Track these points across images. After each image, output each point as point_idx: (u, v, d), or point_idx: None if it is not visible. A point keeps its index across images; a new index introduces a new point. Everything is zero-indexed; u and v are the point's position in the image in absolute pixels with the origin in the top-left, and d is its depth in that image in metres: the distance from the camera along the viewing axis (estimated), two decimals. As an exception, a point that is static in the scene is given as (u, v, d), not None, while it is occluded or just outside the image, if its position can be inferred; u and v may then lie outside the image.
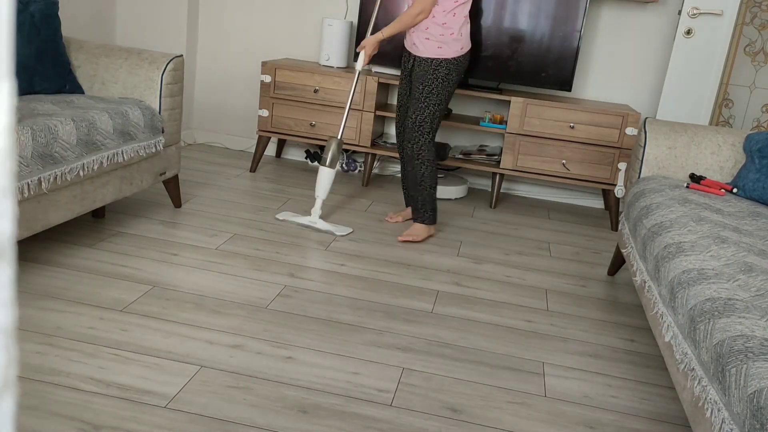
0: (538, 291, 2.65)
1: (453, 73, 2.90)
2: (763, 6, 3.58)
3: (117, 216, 2.88)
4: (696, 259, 1.79)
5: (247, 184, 3.59)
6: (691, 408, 1.52)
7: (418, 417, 1.74)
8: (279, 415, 1.67)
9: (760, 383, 1.22)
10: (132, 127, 2.55)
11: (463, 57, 2.91)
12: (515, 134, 3.59)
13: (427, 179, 2.98)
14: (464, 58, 2.91)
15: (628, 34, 3.81)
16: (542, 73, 3.62)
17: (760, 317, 1.45)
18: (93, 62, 2.80)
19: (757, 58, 3.64)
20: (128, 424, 1.57)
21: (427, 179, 2.98)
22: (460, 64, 2.90)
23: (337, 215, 3.26)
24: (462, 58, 2.90)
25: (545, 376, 2.03)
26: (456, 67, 2.89)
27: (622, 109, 3.56)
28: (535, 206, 3.89)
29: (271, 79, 3.75)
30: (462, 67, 2.92)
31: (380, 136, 3.98)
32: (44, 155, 2.10)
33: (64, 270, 2.33)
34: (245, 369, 1.86)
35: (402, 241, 3.00)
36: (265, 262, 2.59)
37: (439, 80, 2.88)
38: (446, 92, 2.92)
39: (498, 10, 3.59)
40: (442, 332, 2.21)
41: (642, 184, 2.56)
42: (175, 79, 2.80)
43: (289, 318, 2.18)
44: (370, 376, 1.90)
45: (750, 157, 2.55)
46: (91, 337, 1.92)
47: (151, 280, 2.33)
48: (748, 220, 2.19)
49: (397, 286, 2.52)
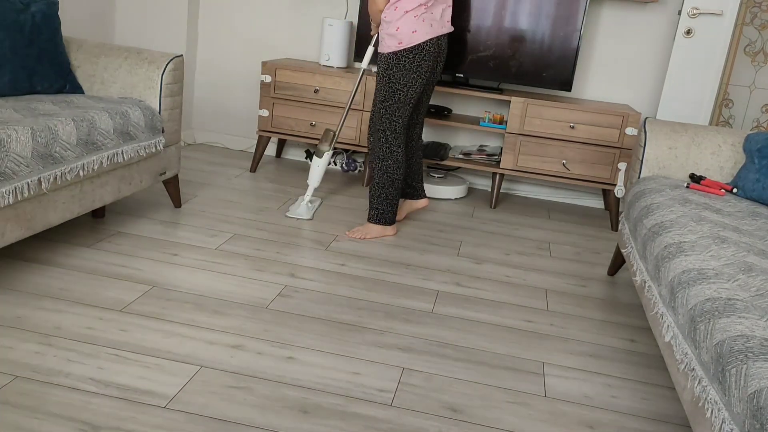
0: (538, 291, 2.65)
1: (393, 68, 2.81)
2: (763, 6, 3.58)
3: (117, 216, 2.88)
4: (696, 259, 1.79)
5: (248, 184, 3.59)
6: (691, 408, 1.52)
7: (418, 417, 1.74)
8: (279, 415, 1.67)
9: (760, 383, 1.22)
10: (132, 127, 2.55)
11: (405, 52, 2.78)
12: (515, 134, 3.59)
13: (378, 177, 2.95)
14: (407, 53, 2.79)
15: (628, 34, 3.81)
16: (542, 73, 3.62)
17: (760, 317, 1.45)
18: (93, 62, 2.80)
19: (757, 58, 3.64)
20: (127, 424, 1.57)
21: (378, 177, 2.95)
22: (401, 59, 2.79)
23: (337, 215, 3.26)
24: (403, 53, 2.78)
25: (545, 376, 2.02)
26: (397, 62, 2.80)
27: (623, 109, 3.56)
28: (535, 206, 3.89)
29: (271, 79, 3.75)
30: (405, 63, 2.80)
31: (380, 136, 3.98)
32: (44, 155, 2.10)
33: (64, 270, 2.33)
34: (245, 369, 1.86)
35: (351, 237, 2.98)
36: (266, 262, 2.59)
37: (380, 76, 2.86)
38: (389, 89, 2.84)
39: (498, 10, 3.59)
40: (442, 332, 2.21)
41: (642, 184, 2.56)
42: (175, 79, 2.80)
43: (290, 318, 2.18)
44: (371, 376, 1.90)
45: (750, 157, 2.55)
46: (90, 338, 1.92)
47: (151, 280, 2.33)
48: (748, 220, 2.19)
49: (397, 286, 2.52)
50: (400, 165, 2.94)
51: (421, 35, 2.79)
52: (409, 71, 2.83)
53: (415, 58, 2.81)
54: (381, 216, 3.00)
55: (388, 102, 2.87)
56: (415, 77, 2.84)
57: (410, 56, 2.81)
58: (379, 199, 2.98)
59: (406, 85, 2.85)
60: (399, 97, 2.86)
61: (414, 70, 2.83)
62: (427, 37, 2.81)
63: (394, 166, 2.93)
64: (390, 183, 2.95)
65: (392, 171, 2.94)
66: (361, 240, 2.97)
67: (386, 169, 2.94)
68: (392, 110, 2.88)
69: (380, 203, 2.98)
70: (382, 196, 2.97)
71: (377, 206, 2.99)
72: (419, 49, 2.81)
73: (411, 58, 2.81)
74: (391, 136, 2.91)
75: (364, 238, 2.98)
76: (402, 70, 2.82)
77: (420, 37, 2.79)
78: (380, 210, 2.99)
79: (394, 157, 2.92)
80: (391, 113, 2.88)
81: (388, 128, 2.90)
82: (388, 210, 2.99)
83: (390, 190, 2.96)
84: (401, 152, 2.93)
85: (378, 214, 3.00)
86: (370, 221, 3.01)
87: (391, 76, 2.83)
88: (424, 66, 2.85)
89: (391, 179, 2.95)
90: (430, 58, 2.85)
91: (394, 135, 2.91)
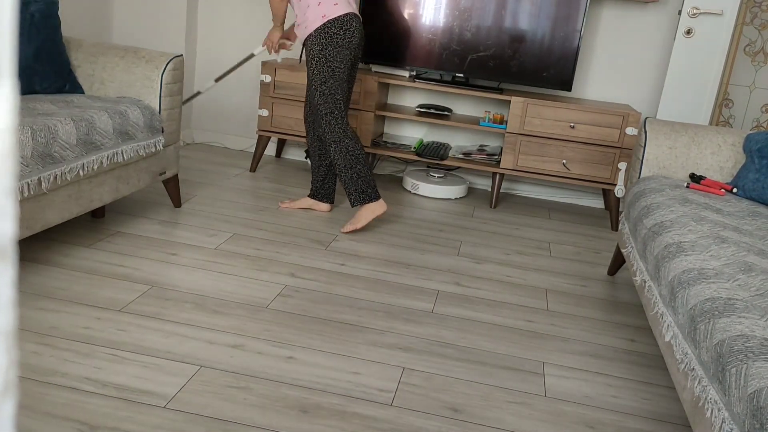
0: (538, 291, 2.65)
1: (327, 47, 2.86)
2: (763, 6, 3.58)
3: (116, 216, 2.88)
4: (696, 259, 1.79)
5: (247, 184, 3.59)
6: (691, 408, 1.52)
7: (418, 417, 1.74)
8: (279, 415, 1.67)
9: (760, 383, 1.21)
10: (131, 127, 2.55)
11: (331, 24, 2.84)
12: (515, 134, 3.59)
13: (340, 160, 2.94)
14: (332, 25, 2.84)
15: (628, 34, 3.81)
16: (543, 73, 3.62)
17: (760, 317, 1.44)
18: (92, 62, 2.79)
19: (757, 58, 3.64)
20: (125, 424, 1.57)
21: (340, 160, 2.94)
22: (331, 34, 2.85)
23: (337, 214, 3.26)
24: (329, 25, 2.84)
25: (545, 376, 2.02)
26: (329, 38, 2.85)
27: (623, 109, 3.56)
28: (535, 206, 3.88)
29: (271, 78, 3.75)
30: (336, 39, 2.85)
31: (380, 136, 3.98)
32: (44, 155, 2.10)
33: (62, 270, 2.33)
34: (245, 369, 1.86)
35: (346, 232, 2.98)
36: (266, 262, 2.59)
37: (315, 59, 2.89)
38: (327, 68, 2.88)
39: (498, 10, 3.59)
40: (442, 332, 2.21)
41: (642, 184, 2.56)
42: (174, 78, 2.80)
43: (290, 318, 2.18)
44: (371, 375, 1.90)
45: (750, 157, 2.55)
46: (88, 337, 1.92)
47: (150, 280, 2.33)
48: (748, 220, 2.19)
49: (397, 286, 2.52)
50: (355, 140, 2.95)
51: (342, 8, 2.86)
52: (341, 47, 2.87)
53: (344, 32, 2.87)
54: (362, 195, 2.98)
55: (329, 82, 2.90)
56: (347, 53, 2.89)
57: (337, 29, 2.85)
58: (352, 180, 2.96)
59: (342, 60, 2.89)
60: (338, 74, 2.89)
61: (345, 45, 2.88)
62: (348, 9, 2.86)
63: (352, 142, 2.94)
64: (355, 160, 2.94)
65: (352, 148, 2.94)
66: (358, 231, 2.98)
67: (346, 148, 2.94)
68: (333, 89, 2.91)
69: (355, 183, 2.96)
70: (354, 176, 2.95)
71: (353, 188, 2.97)
72: (343, 21, 2.85)
73: (340, 33, 2.86)
74: (338, 115, 2.93)
75: (358, 227, 2.98)
76: (335, 47, 2.87)
77: (341, 9, 2.85)
78: (359, 189, 2.97)
79: (347, 134, 2.94)
80: (333, 92, 2.91)
81: (334, 108, 2.93)
82: (365, 186, 2.97)
83: (358, 167, 2.95)
84: (350, 128, 2.96)
85: (359, 194, 2.98)
86: (355, 206, 3.00)
87: (327, 54, 2.87)
88: (353, 41, 2.89)
89: (354, 156, 2.94)
90: (357, 34, 2.90)
91: (340, 113, 2.93)
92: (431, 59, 3.71)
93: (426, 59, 3.71)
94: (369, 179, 2.97)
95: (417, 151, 3.69)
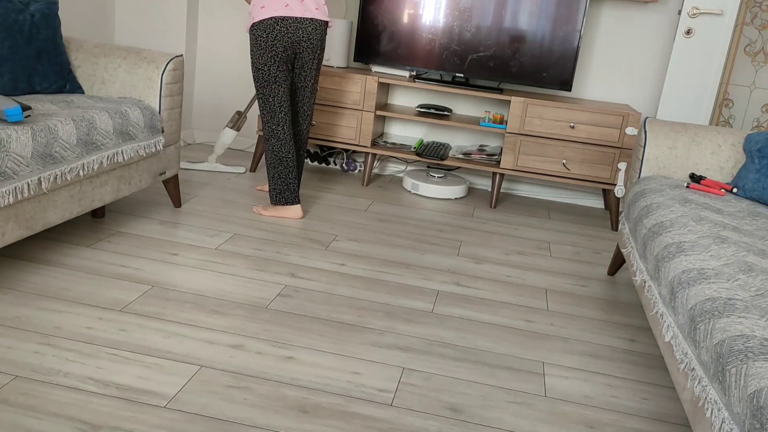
0: (538, 291, 2.65)
1: (252, 47, 2.88)
2: (763, 6, 3.58)
3: (117, 216, 2.88)
4: (696, 259, 1.79)
5: (247, 184, 3.59)
6: (691, 408, 1.52)
7: (418, 417, 1.74)
8: (279, 415, 1.67)
9: (760, 383, 1.22)
10: (131, 127, 2.55)
11: (254, 27, 2.84)
12: (515, 134, 3.59)
13: (267, 157, 3.02)
14: (255, 28, 2.83)
15: (628, 34, 3.81)
16: (543, 73, 3.62)
17: (760, 317, 1.45)
18: (93, 62, 2.80)
19: (757, 58, 3.64)
20: (127, 424, 1.57)
21: (267, 157, 3.02)
22: (254, 37, 2.85)
23: (337, 214, 3.26)
24: (253, 28, 2.84)
25: (545, 376, 2.02)
26: (254, 40, 2.85)
27: (622, 109, 3.56)
28: (535, 206, 3.89)
29: (271, 79, 3.75)
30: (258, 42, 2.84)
31: (380, 136, 3.98)
32: (44, 155, 2.10)
33: (63, 270, 2.33)
34: (245, 369, 1.86)
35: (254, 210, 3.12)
36: (265, 262, 2.59)
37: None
38: (253, 67, 2.92)
39: (498, 10, 3.59)
40: (442, 332, 2.21)
41: (642, 184, 2.56)
42: (174, 78, 2.80)
43: (290, 318, 2.18)
44: (371, 375, 1.90)
45: (750, 157, 2.55)
46: (89, 337, 1.92)
47: (151, 280, 2.33)
48: (748, 220, 2.19)
49: (397, 286, 2.52)
50: (283, 142, 2.97)
51: (269, 11, 2.81)
52: (262, 50, 2.85)
53: (266, 36, 2.83)
54: (279, 195, 3.07)
55: (257, 82, 2.94)
56: (267, 57, 2.86)
57: (258, 32, 2.83)
58: (273, 179, 3.04)
59: (266, 63, 2.87)
60: (262, 75, 2.91)
61: (267, 48, 2.84)
62: (274, 13, 2.81)
63: (278, 144, 2.97)
64: (278, 161, 2.99)
65: (277, 149, 2.97)
66: (259, 215, 3.08)
67: (271, 148, 2.99)
68: (261, 90, 2.94)
69: (274, 183, 3.05)
70: (275, 176, 3.03)
71: (272, 186, 3.06)
72: (266, 25, 2.82)
73: (262, 36, 2.83)
74: (268, 115, 2.96)
75: (261, 214, 3.09)
76: (257, 49, 2.87)
77: (267, 12, 2.82)
78: (276, 190, 3.06)
79: (276, 135, 2.96)
80: (261, 93, 2.95)
81: (264, 108, 2.97)
82: (282, 188, 3.04)
83: (280, 169, 3.00)
84: (283, 130, 2.96)
85: (275, 194, 3.07)
86: (272, 203, 3.10)
87: (252, 54, 2.90)
88: (278, 46, 2.84)
89: (278, 157, 2.99)
90: (283, 38, 2.84)
91: (271, 114, 2.95)
92: (431, 59, 3.71)
93: (426, 59, 3.72)
94: (289, 183, 3.04)
95: (417, 151, 3.70)
